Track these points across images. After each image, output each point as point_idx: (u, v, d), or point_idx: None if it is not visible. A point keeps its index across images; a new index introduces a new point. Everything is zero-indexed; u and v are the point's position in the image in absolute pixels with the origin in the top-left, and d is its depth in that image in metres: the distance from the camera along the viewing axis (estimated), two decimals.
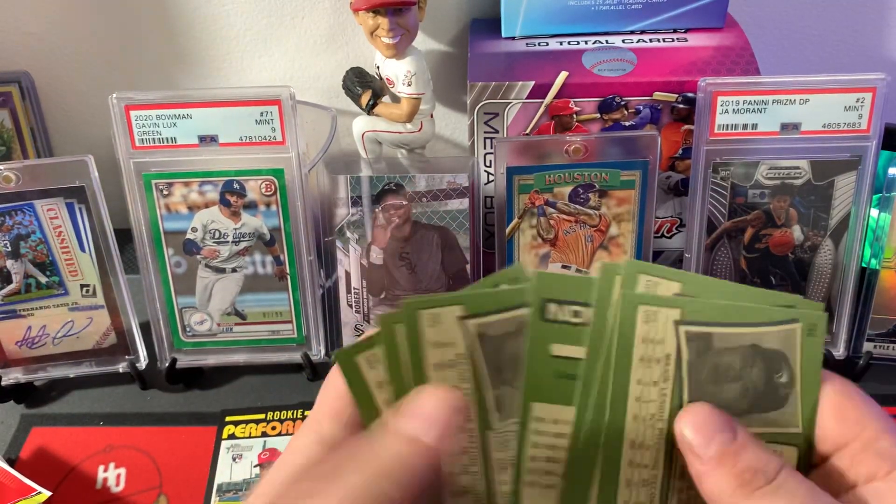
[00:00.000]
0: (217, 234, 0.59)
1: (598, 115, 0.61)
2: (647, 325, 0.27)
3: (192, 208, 0.59)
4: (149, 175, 0.58)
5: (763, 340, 0.27)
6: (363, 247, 0.60)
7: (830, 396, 0.27)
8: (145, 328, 0.62)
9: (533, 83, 0.60)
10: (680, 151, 0.63)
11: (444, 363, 0.27)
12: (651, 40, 0.64)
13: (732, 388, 0.27)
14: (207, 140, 0.57)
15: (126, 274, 0.60)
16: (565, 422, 0.27)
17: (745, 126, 0.56)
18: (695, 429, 0.26)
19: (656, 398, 0.27)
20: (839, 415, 0.27)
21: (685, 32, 0.65)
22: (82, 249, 0.59)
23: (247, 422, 0.60)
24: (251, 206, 0.59)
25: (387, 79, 0.65)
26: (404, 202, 0.59)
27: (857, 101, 0.54)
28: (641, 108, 0.61)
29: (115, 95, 0.55)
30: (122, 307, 0.61)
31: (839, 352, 0.61)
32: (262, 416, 0.60)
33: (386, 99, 0.67)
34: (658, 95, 0.60)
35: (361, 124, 0.67)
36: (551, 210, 0.58)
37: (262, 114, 0.56)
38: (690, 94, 0.59)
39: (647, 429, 0.27)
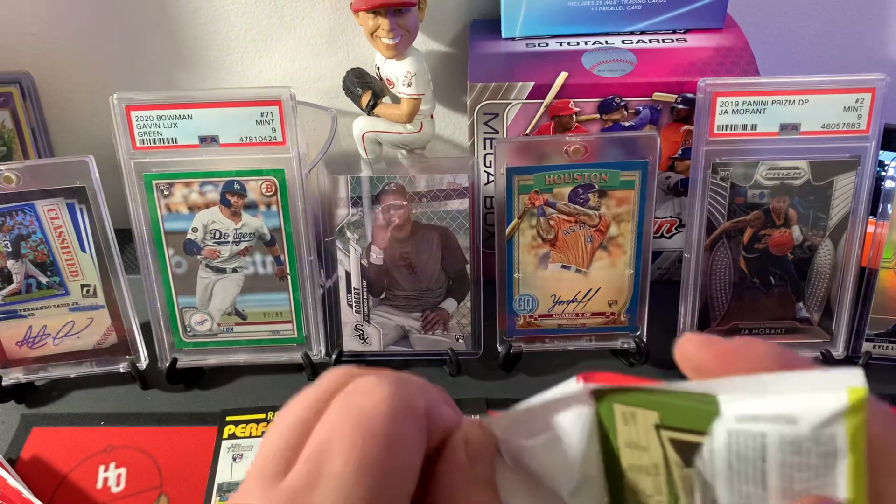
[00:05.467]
0: (217, 235, 0.59)
1: (598, 116, 0.61)
2: (626, 427, 0.23)
3: (193, 208, 0.59)
4: (149, 175, 0.58)
5: None
6: (363, 247, 0.60)
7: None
8: (146, 328, 0.62)
9: (533, 84, 0.60)
10: (679, 152, 0.63)
11: (638, 467, 0.23)
12: (651, 41, 0.64)
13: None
14: (208, 140, 0.57)
15: (126, 274, 0.60)
16: None
17: (744, 126, 0.56)
18: None
19: None
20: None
21: (685, 33, 0.65)
22: (83, 250, 0.59)
23: (247, 422, 0.60)
24: (251, 207, 0.59)
25: (387, 79, 0.65)
26: (404, 202, 0.59)
27: (857, 101, 0.54)
28: (641, 108, 0.61)
29: (115, 96, 0.55)
30: (123, 307, 0.61)
31: (839, 352, 0.61)
32: (262, 415, 0.60)
33: (386, 99, 0.67)
34: (658, 96, 0.60)
35: (361, 125, 0.67)
36: (551, 210, 0.58)
37: (262, 114, 0.56)
38: (690, 95, 0.60)
39: None
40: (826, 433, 0.19)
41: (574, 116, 0.61)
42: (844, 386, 0.19)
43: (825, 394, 0.19)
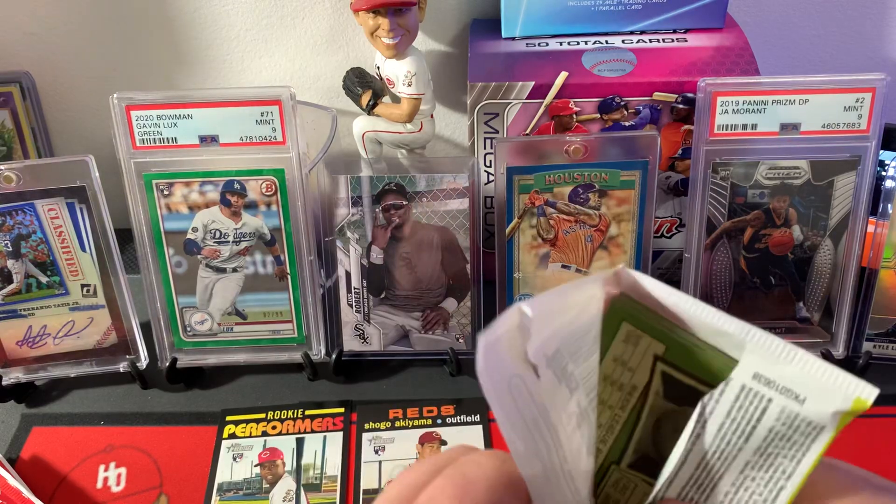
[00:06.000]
0: (218, 234, 0.59)
1: (598, 116, 0.61)
2: (624, 345, 0.24)
3: (193, 208, 0.59)
4: (149, 175, 0.58)
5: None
6: (363, 247, 0.60)
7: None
8: (146, 328, 0.62)
9: (533, 83, 0.60)
10: (680, 151, 0.63)
11: (615, 380, 0.25)
12: (651, 41, 0.64)
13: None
14: (208, 140, 0.57)
15: (126, 274, 0.60)
16: None
17: (744, 126, 0.56)
18: None
19: (605, 423, 0.25)
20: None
21: (685, 33, 0.65)
22: (83, 249, 0.59)
23: (247, 421, 0.60)
24: (252, 206, 0.59)
25: (387, 79, 0.65)
26: (404, 202, 0.59)
27: (857, 101, 0.54)
28: (641, 108, 0.61)
29: (115, 95, 0.55)
30: (123, 307, 0.61)
31: (839, 351, 0.61)
32: (262, 415, 0.60)
33: (386, 99, 0.67)
34: (658, 96, 0.60)
35: (362, 124, 0.67)
36: (551, 210, 0.58)
37: (262, 114, 0.56)
38: (690, 95, 0.59)
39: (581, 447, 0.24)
40: (820, 423, 0.22)
41: (574, 116, 0.61)
42: (855, 394, 0.21)
43: (837, 392, 0.21)
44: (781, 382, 0.22)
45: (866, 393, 0.21)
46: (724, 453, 0.23)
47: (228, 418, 0.60)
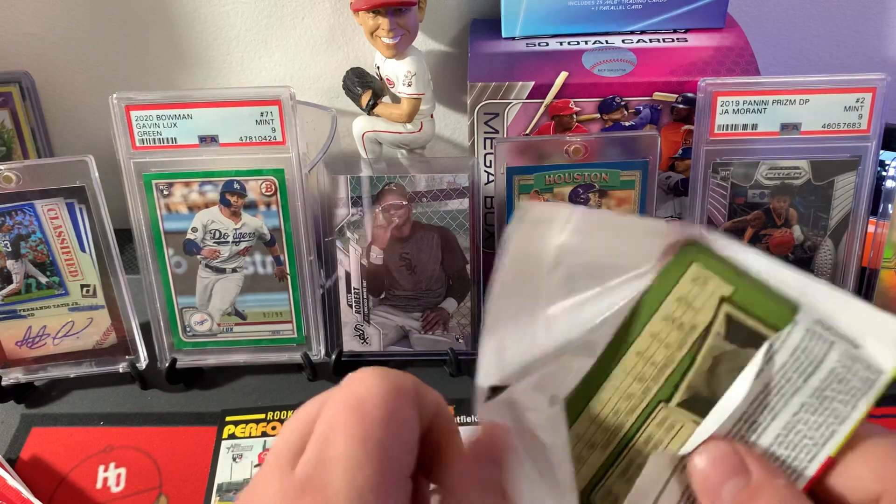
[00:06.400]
0: (217, 235, 0.59)
1: (598, 116, 0.61)
2: (691, 285, 0.25)
3: (193, 208, 0.59)
4: (149, 175, 0.58)
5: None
6: (363, 247, 0.60)
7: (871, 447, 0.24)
8: (145, 328, 0.62)
9: (533, 83, 0.60)
10: (680, 151, 0.63)
11: (676, 319, 0.26)
12: (651, 40, 0.64)
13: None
14: (208, 140, 0.57)
15: (126, 274, 0.60)
16: None
17: (745, 126, 0.56)
18: (711, 462, 0.24)
19: (660, 361, 0.26)
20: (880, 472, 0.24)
21: (685, 33, 0.65)
22: (82, 249, 0.59)
23: (247, 422, 0.60)
24: (251, 207, 0.59)
25: (387, 79, 0.65)
26: (404, 202, 0.59)
27: (857, 101, 0.54)
28: (641, 108, 0.61)
29: (115, 95, 0.55)
30: (123, 307, 0.61)
31: None
32: (262, 415, 0.60)
33: (386, 99, 0.67)
34: (658, 95, 0.60)
35: (361, 124, 0.67)
36: None
37: (262, 114, 0.56)
38: (690, 95, 0.59)
39: (633, 384, 0.26)
40: (876, 368, 0.24)
41: (574, 116, 0.61)
42: None
43: (890, 338, 0.23)
44: (841, 329, 0.24)
45: None
46: (782, 392, 0.24)
47: (228, 419, 0.60)
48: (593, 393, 0.26)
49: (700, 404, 0.25)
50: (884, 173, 0.57)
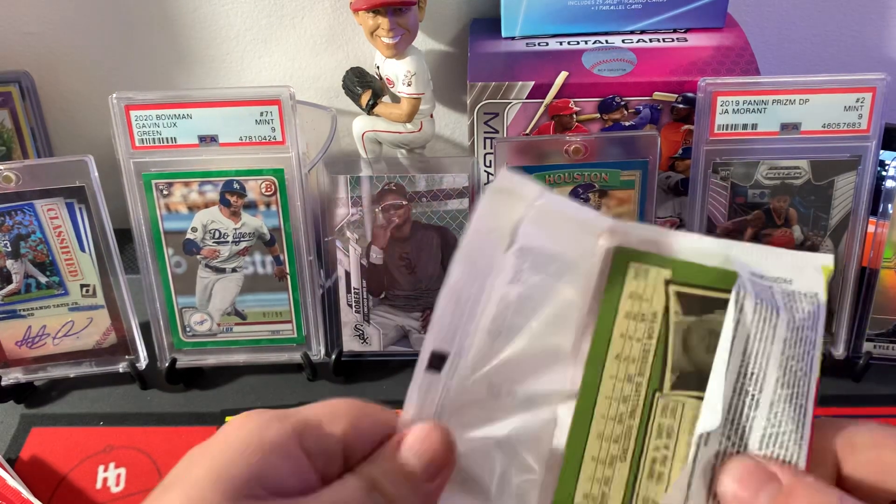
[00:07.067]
0: (217, 234, 0.59)
1: (598, 115, 0.61)
2: (636, 280, 0.28)
3: (192, 208, 0.59)
4: (149, 175, 0.58)
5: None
6: (363, 247, 0.60)
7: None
8: (145, 328, 0.62)
9: (533, 83, 0.60)
10: (680, 151, 0.63)
11: (635, 314, 0.28)
12: (651, 40, 0.64)
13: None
14: (207, 140, 0.57)
15: (126, 274, 0.60)
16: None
17: (744, 126, 0.56)
18: (740, 483, 0.25)
19: (638, 356, 0.27)
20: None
21: (685, 32, 0.65)
22: (82, 249, 0.59)
23: None
24: (251, 206, 0.59)
25: (387, 79, 0.65)
26: (404, 202, 0.59)
27: (857, 101, 0.54)
28: (641, 108, 0.61)
29: (115, 95, 0.55)
30: (122, 307, 0.61)
31: (839, 352, 0.60)
32: None
33: (386, 99, 0.67)
34: (658, 95, 0.60)
35: (361, 124, 0.67)
36: None
37: (262, 114, 0.56)
38: (690, 94, 0.59)
39: (623, 387, 0.27)
40: (811, 292, 0.28)
41: (574, 116, 0.61)
42: (821, 263, 0.28)
43: (809, 267, 0.28)
44: (771, 273, 0.28)
45: (826, 261, 0.28)
46: (765, 336, 0.27)
47: (228, 419, 0.60)
48: (591, 412, 0.27)
49: (691, 380, 0.27)
50: (884, 173, 0.57)
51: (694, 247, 0.28)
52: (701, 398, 0.27)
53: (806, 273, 0.28)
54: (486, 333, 0.28)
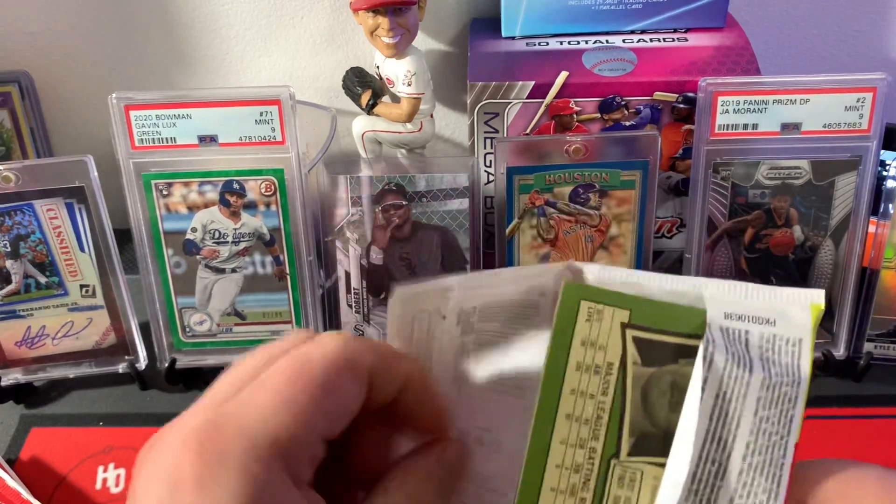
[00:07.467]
0: (217, 235, 0.59)
1: (599, 115, 0.61)
2: (588, 324, 0.24)
3: (192, 208, 0.59)
4: (148, 175, 0.58)
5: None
6: (363, 247, 0.60)
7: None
8: (145, 328, 0.62)
9: (533, 83, 0.60)
10: (680, 151, 0.63)
11: (588, 365, 0.24)
12: (651, 40, 0.64)
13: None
14: (207, 140, 0.57)
15: (126, 274, 0.60)
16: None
17: (745, 126, 0.56)
18: None
19: (591, 416, 0.24)
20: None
21: (685, 32, 0.65)
22: (82, 249, 0.59)
23: None
24: (251, 207, 0.59)
25: (387, 79, 0.65)
26: (404, 202, 0.59)
27: (858, 100, 0.54)
28: (642, 107, 0.61)
29: (114, 95, 0.55)
30: (122, 307, 0.61)
31: (839, 352, 0.60)
32: None
33: (386, 99, 0.67)
34: (658, 95, 0.60)
35: (361, 124, 0.67)
36: (551, 210, 0.58)
37: (261, 114, 0.56)
38: (691, 94, 0.59)
39: (575, 453, 0.24)
40: (796, 336, 0.23)
41: (574, 116, 0.61)
42: (809, 301, 0.24)
43: (797, 306, 0.24)
44: (751, 313, 0.24)
45: (816, 297, 0.23)
46: (736, 395, 0.23)
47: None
48: (539, 484, 0.24)
49: (652, 443, 0.24)
50: (884, 173, 0.57)
51: (658, 284, 0.24)
52: (662, 465, 0.23)
53: (791, 314, 0.23)
54: (452, 383, 0.26)
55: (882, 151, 0.56)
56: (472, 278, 0.26)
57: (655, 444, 0.24)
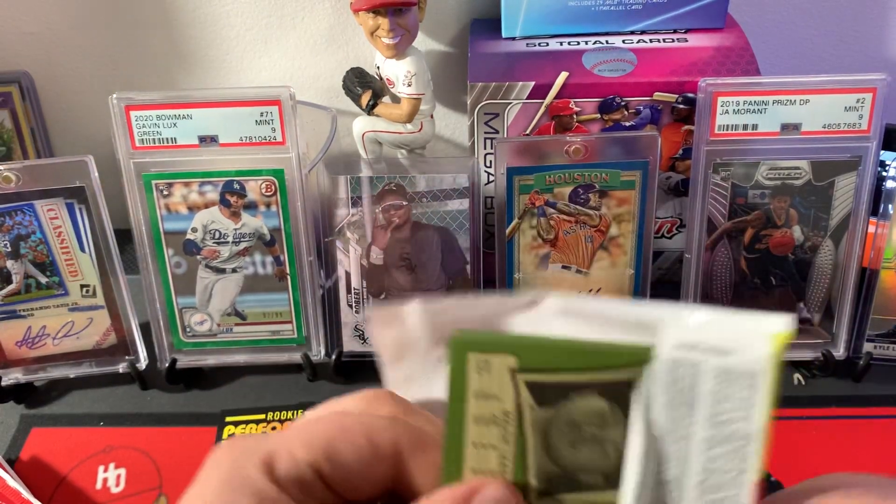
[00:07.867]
0: (217, 235, 0.59)
1: (599, 116, 0.61)
2: (478, 376, 0.23)
3: (192, 208, 0.59)
4: (149, 175, 0.58)
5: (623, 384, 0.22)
6: (363, 247, 0.60)
7: None
8: (145, 328, 0.62)
9: (533, 83, 0.60)
10: (680, 152, 0.63)
11: (485, 417, 0.23)
12: (651, 40, 0.64)
13: (592, 452, 0.22)
14: (207, 140, 0.57)
15: (126, 274, 0.60)
16: None
17: (745, 126, 0.56)
18: None
19: (496, 467, 0.23)
20: None
21: (685, 33, 0.65)
22: (82, 250, 0.59)
23: (247, 422, 0.60)
24: (251, 207, 0.59)
25: (387, 79, 0.65)
26: (404, 202, 0.59)
27: (858, 101, 0.54)
28: (641, 108, 0.61)
29: (115, 95, 0.55)
30: (122, 307, 0.61)
31: (839, 352, 0.61)
32: (262, 416, 0.60)
33: (386, 99, 0.67)
34: (658, 96, 0.60)
35: (361, 124, 0.67)
36: (551, 210, 0.58)
37: (262, 114, 0.56)
38: (691, 95, 0.59)
39: None
40: (752, 370, 0.21)
41: (574, 116, 0.61)
42: (770, 331, 0.21)
43: (755, 335, 0.21)
44: (706, 343, 0.21)
45: (781, 326, 0.21)
46: (678, 435, 0.22)
47: (228, 419, 0.60)
48: None
49: (562, 484, 0.23)
50: (884, 174, 0.57)
51: (609, 313, 0.23)
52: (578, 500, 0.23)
53: (749, 344, 0.21)
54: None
55: (882, 152, 0.56)
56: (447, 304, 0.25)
57: (567, 483, 0.23)
